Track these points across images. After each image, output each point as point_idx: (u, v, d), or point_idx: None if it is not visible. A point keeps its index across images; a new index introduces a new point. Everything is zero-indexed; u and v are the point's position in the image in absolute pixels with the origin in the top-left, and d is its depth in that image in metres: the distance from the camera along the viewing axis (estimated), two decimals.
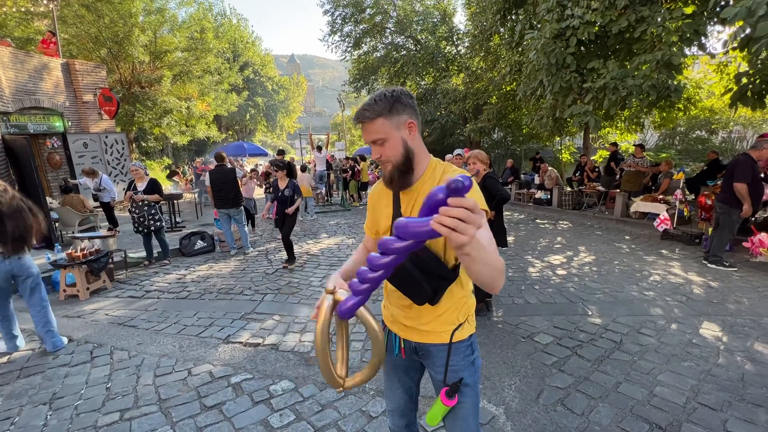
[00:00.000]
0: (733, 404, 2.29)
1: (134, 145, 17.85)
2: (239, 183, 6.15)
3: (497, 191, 3.49)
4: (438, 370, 1.28)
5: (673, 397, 2.37)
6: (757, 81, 5.08)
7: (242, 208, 6.22)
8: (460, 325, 1.25)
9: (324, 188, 12.20)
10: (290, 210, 5.19)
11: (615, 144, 9.99)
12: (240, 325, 3.56)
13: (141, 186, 5.36)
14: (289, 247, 5.36)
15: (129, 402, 2.45)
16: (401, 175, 1.19)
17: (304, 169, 9.66)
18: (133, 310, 4.00)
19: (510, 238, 6.51)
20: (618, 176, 9.28)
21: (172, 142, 19.89)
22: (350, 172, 11.72)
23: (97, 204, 7.60)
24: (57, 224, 6.74)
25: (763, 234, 5.15)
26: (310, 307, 3.94)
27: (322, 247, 6.57)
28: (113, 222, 7.47)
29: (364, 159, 13.75)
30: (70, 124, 9.91)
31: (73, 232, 6.30)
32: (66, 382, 2.70)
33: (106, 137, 10.54)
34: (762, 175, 4.80)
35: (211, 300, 4.23)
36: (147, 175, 5.62)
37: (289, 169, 5.42)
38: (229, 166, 6.24)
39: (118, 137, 10.91)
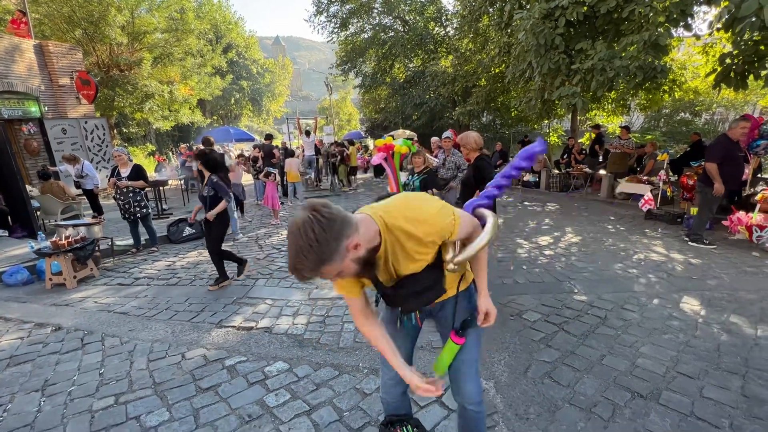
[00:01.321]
0: (710, 372, 2.41)
1: (115, 131, 17.33)
2: (228, 169, 6.02)
3: (488, 174, 3.52)
4: (450, 318, 1.47)
5: (654, 367, 2.48)
6: (740, 61, 5.16)
7: (232, 194, 6.13)
8: (462, 276, 1.44)
9: (313, 173, 12.09)
10: (210, 215, 3.96)
11: (597, 126, 10.13)
12: (232, 310, 3.56)
13: (125, 172, 5.23)
14: (218, 261, 4.12)
15: (123, 386, 2.46)
16: (369, 269, 1.15)
17: (292, 154, 9.53)
18: (123, 297, 3.97)
19: (499, 221, 6.59)
20: (601, 158, 9.44)
21: (154, 127, 19.35)
22: (339, 157, 11.62)
23: (80, 192, 7.41)
24: (38, 213, 6.56)
25: (741, 212, 5.32)
26: (302, 290, 3.96)
27: None
28: (98, 210, 7.32)
29: (352, 143, 13.63)
30: (46, 108, 9.54)
31: (56, 221, 6.14)
32: (57, 369, 2.69)
33: (86, 123, 10.20)
34: (742, 155, 4.92)
35: (202, 286, 4.22)
36: (131, 160, 5.49)
37: (206, 160, 3.99)
38: (218, 150, 6.12)
39: (98, 122, 10.57)
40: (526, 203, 8.71)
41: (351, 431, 2.04)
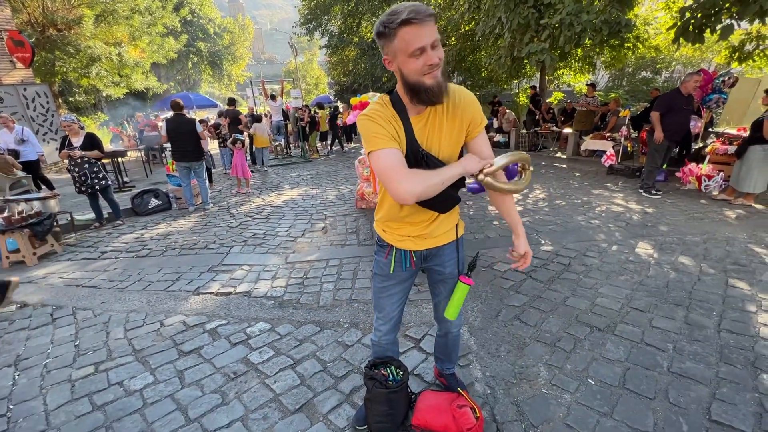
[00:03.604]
0: (659, 306, 2.67)
1: (60, 100, 15.85)
2: (200, 135, 5.71)
3: None
4: (448, 264, 1.55)
5: (611, 304, 2.72)
6: (699, 15, 5.29)
7: (204, 162, 5.89)
8: (457, 223, 1.53)
9: (282, 139, 11.71)
10: None
11: (534, 87, 10.96)
12: (209, 277, 3.53)
13: (77, 141, 4.88)
14: None
15: (102, 355, 2.44)
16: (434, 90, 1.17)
17: (259, 119, 9.13)
18: (91, 271, 3.83)
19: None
20: (537, 116, 10.15)
21: (105, 95, 17.84)
22: (310, 122, 11.24)
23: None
24: None
25: (692, 164, 5.68)
26: (279, 255, 3.97)
27: (286, 198, 6.46)
28: (47, 183, 6.80)
29: (322, 107, 13.20)
30: None
31: (4, 196, 5.71)
32: (29, 344, 2.61)
33: (25, 90, 9.28)
34: (689, 108, 5.20)
35: (174, 256, 4.12)
36: (82, 128, 5.10)
37: None
38: (188, 116, 5.78)
39: (40, 89, 9.64)
40: None
41: (335, 379, 2.14)
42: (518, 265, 1.50)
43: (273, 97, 11.31)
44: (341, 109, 11.63)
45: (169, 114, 6.16)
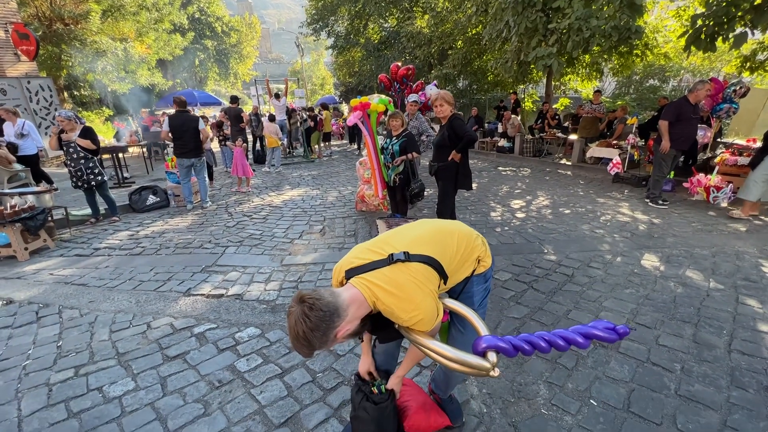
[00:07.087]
0: (665, 322, 2.55)
1: (66, 94, 15.88)
2: (201, 133, 5.64)
3: (464, 132, 3.45)
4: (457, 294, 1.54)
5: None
6: (711, 23, 5.16)
7: (204, 159, 5.81)
8: (480, 261, 1.52)
9: (285, 139, 11.63)
10: None
11: (515, 93, 11.74)
12: (201, 278, 3.44)
13: (72, 137, 4.81)
14: None
15: (84, 358, 2.35)
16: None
17: (273, 119, 9.10)
18: (82, 268, 3.75)
19: (473, 185, 6.61)
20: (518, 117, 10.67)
21: (110, 90, 17.89)
22: (313, 122, 11.18)
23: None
24: None
25: (701, 175, 5.55)
26: (274, 257, 3.87)
27: (285, 198, 6.38)
28: (45, 178, 6.73)
29: (326, 108, 13.14)
30: None
31: (1, 189, 5.65)
32: (10, 344, 2.53)
33: (29, 83, 9.26)
34: (697, 117, 5.08)
35: (168, 255, 4.04)
36: (82, 123, 5.03)
37: None
38: (192, 113, 5.72)
39: (44, 83, 9.62)
40: (500, 168, 8.78)
41: (324, 391, 2.04)
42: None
43: (277, 96, 11.26)
44: (321, 114, 11.71)
45: (172, 111, 6.10)
